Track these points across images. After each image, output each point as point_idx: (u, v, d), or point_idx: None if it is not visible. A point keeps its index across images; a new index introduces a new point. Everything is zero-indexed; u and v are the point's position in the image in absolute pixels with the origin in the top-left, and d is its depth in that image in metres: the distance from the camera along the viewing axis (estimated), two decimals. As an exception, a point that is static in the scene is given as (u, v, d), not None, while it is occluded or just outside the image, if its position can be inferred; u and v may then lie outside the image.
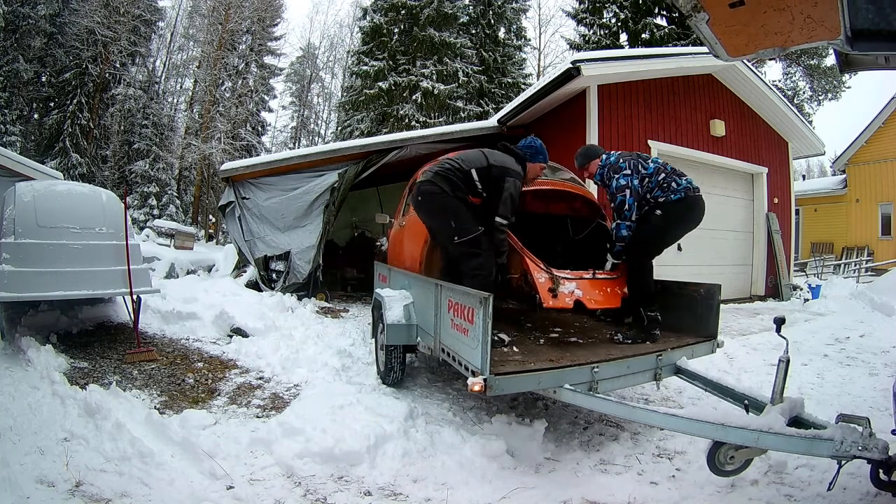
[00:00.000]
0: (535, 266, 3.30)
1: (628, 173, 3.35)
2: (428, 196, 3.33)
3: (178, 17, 24.55)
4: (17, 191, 4.69)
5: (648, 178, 3.38)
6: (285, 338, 5.11)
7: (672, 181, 3.36)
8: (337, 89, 28.48)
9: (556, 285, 3.20)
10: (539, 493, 2.38)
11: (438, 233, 3.44)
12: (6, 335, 4.64)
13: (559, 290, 3.18)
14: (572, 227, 4.45)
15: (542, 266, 3.31)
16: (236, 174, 7.94)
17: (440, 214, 3.31)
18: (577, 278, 3.32)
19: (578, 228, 4.36)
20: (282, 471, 2.54)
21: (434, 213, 3.37)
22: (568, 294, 3.20)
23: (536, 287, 3.22)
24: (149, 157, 19.96)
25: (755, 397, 2.64)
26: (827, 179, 18.79)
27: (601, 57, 7.25)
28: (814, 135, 9.97)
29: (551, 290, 3.18)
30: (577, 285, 3.26)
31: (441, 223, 3.32)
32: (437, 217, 3.35)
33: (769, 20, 1.97)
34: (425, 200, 3.37)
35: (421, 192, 3.38)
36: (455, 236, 3.19)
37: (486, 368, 2.41)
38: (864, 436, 1.96)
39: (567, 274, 3.31)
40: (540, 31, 25.15)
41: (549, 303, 3.15)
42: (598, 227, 4.10)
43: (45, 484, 2.31)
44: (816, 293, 8.51)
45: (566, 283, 3.23)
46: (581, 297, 3.21)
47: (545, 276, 3.26)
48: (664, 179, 3.37)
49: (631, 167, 3.37)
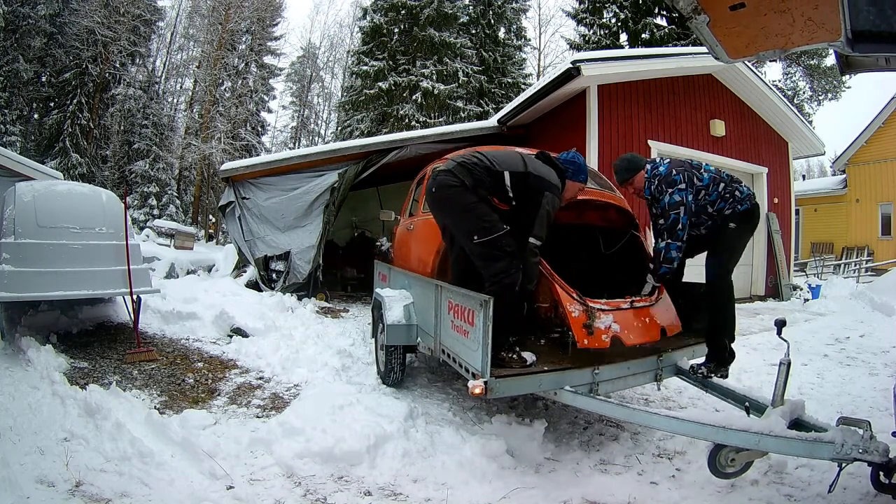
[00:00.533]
0: (567, 296, 2.83)
1: (683, 188, 3.00)
2: (445, 189, 2.86)
3: (178, 17, 24.55)
4: (17, 191, 4.69)
5: (705, 189, 3.05)
6: (285, 338, 5.11)
7: (735, 189, 3.07)
8: (337, 89, 28.51)
9: (591, 320, 2.75)
10: (539, 493, 2.38)
11: (455, 228, 2.97)
12: (6, 335, 4.64)
13: (595, 325, 2.75)
14: (602, 239, 3.95)
15: (576, 296, 2.84)
16: (236, 174, 7.95)
17: (458, 211, 2.86)
18: (614, 309, 2.89)
19: (609, 240, 3.87)
20: (282, 471, 2.53)
21: (449, 209, 2.92)
22: (605, 330, 2.76)
23: (570, 323, 2.75)
24: (149, 157, 19.95)
25: (756, 399, 2.64)
26: (827, 179, 18.80)
27: (601, 57, 7.26)
28: (814, 135, 9.98)
29: (586, 325, 2.73)
30: (614, 318, 2.82)
31: (458, 219, 2.89)
32: (453, 214, 2.91)
33: (770, 22, 1.97)
34: (441, 194, 2.90)
35: (438, 183, 2.90)
36: (475, 234, 2.74)
37: (486, 371, 2.40)
38: (864, 439, 1.97)
39: (603, 304, 2.88)
40: (540, 31, 25.19)
41: (585, 342, 2.70)
42: (630, 238, 3.66)
43: (45, 484, 2.30)
44: (816, 293, 8.52)
45: (602, 317, 2.79)
46: (619, 332, 2.78)
47: (579, 308, 2.79)
48: (725, 189, 3.06)
49: (686, 180, 3.02)
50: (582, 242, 4.00)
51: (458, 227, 2.93)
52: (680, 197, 2.99)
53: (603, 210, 3.72)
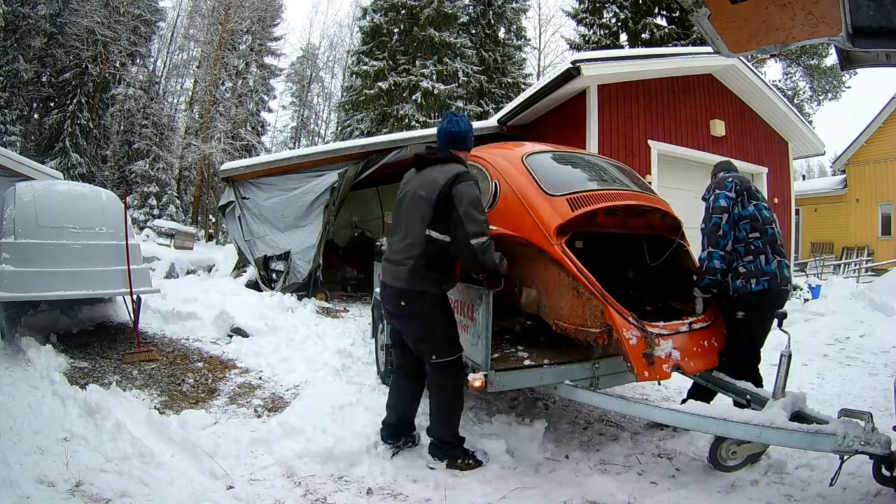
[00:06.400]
0: (623, 320, 2.48)
1: (732, 196, 2.83)
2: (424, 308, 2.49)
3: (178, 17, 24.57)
4: (17, 191, 4.69)
5: (745, 218, 2.83)
6: (285, 338, 5.11)
7: (763, 255, 2.78)
8: (337, 89, 28.53)
9: (650, 348, 2.44)
10: (539, 493, 2.38)
11: (418, 341, 2.59)
12: (6, 335, 4.64)
13: (655, 353, 2.45)
14: (645, 248, 3.54)
15: (633, 320, 2.50)
16: (236, 174, 7.94)
17: (431, 327, 2.52)
18: (674, 332, 2.62)
19: (653, 249, 3.49)
20: (282, 471, 2.53)
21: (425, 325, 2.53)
22: (665, 358, 2.47)
23: (627, 352, 2.42)
24: (149, 157, 19.96)
25: (757, 392, 2.64)
26: (827, 179, 18.79)
27: (601, 57, 7.24)
28: (814, 135, 9.97)
29: (646, 354, 2.43)
30: (674, 343, 2.55)
31: (425, 334, 2.54)
32: (423, 330, 2.54)
33: (771, 16, 1.98)
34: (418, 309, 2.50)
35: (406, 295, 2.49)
36: (434, 354, 2.48)
37: (486, 364, 2.40)
38: (866, 431, 1.96)
39: (662, 329, 2.59)
40: (540, 31, 25.20)
41: (646, 374, 2.42)
42: (677, 248, 3.30)
43: (45, 484, 2.30)
44: (816, 293, 8.50)
45: (662, 343, 2.50)
46: (679, 360, 2.52)
47: (636, 334, 2.46)
48: (756, 241, 2.80)
49: (736, 190, 2.85)
50: (625, 254, 3.65)
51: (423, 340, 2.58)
52: (726, 203, 2.82)
53: (649, 216, 3.23)
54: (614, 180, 3.30)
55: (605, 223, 3.03)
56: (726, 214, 2.82)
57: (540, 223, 2.74)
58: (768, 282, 2.78)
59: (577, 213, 2.74)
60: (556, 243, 2.66)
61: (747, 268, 2.81)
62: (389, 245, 2.67)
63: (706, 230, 2.88)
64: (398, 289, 2.50)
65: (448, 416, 2.59)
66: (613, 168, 3.56)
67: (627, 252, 3.64)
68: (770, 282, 2.78)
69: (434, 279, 2.48)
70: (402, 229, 2.57)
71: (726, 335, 2.87)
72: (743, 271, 2.82)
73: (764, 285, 2.77)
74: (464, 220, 2.36)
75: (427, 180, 2.51)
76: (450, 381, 2.53)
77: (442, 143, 2.66)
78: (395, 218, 2.69)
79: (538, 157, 3.29)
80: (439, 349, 2.49)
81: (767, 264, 2.80)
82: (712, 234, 2.83)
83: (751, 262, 2.81)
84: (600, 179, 3.26)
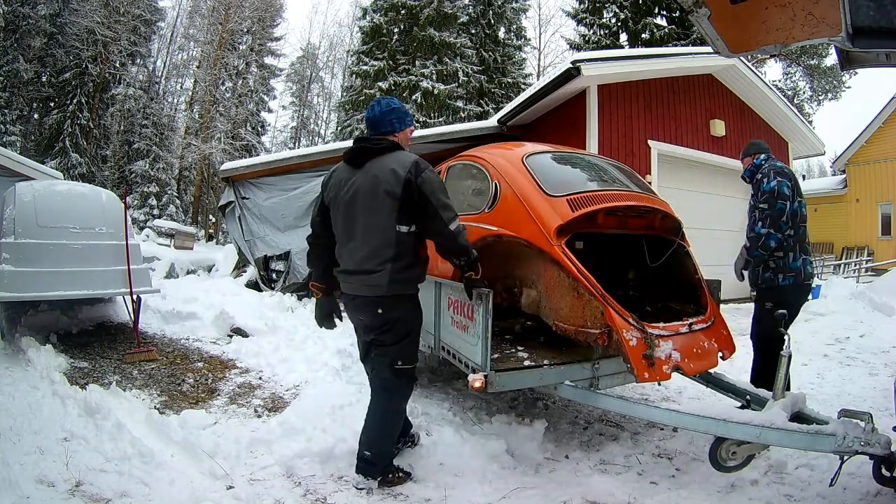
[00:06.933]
0: (623, 321, 2.48)
1: (791, 187, 2.97)
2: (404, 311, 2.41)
3: (178, 17, 24.58)
4: (17, 191, 4.70)
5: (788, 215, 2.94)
6: (285, 338, 5.11)
7: (791, 252, 2.96)
8: (337, 89, 28.56)
9: (651, 349, 2.46)
10: (539, 493, 2.38)
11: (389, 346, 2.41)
12: (6, 335, 4.64)
13: (655, 354, 2.46)
14: (645, 249, 3.50)
15: (633, 321, 2.51)
16: (236, 174, 7.94)
17: (407, 332, 2.44)
18: (674, 333, 2.62)
19: (653, 250, 3.45)
20: (282, 471, 2.53)
21: (402, 330, 2.42)
22: (665, 359, 2.48)
23: (627, 353, 2.43)
24: (149, 157, 19.99)
25: (757, 393, 2.64)
26: (827, 179, 18.78)
27: (601, 57, 7.25)
28: (814, 135, 9.98)
29: (646, 356, 2.44)
30: (674, 344, 2.55)
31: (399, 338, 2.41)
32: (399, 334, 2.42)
33: (771, 17, 1.98)
34: (398, 314, 2.39)
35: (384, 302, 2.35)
36: (401, 359, 2.39)
37: (486, 365, 2.40)
38: (866, 431, 1.96)
39: (662, 330, 2.59)
40: (540, 31, 25.23)
41: (646, 375, 2.43)
42: (677, 249, 3.26)
43: (45, 484, 2.30)
44: (816, 293, 8.48)
45: (662, 344, 2.51)
46: (679, 361, 2.52)
47: (636, 335, 2.47)
48: (786, 238, 2.95)
49: (790, 185, 2.98)
50: (625, 254, 3.63)
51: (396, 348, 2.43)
52: (788, 192, 2.94)
53: (650, 216, 3.21)
54: (614, 181, 3.29)
55: (606, 224, 3.03)
56: (788, 203, 2.94)
57: (540, 224, 2.73)
58: (794, 277, 2.99)
59: (577, 213, 2.73)
60: (556, 244, 2.66)
61: (777, 263, 3.02)
62: (347, 255, 2.40)
63: (771, 212, 2.93)
64: (375, 297, 2.33)
65: (394, 430, 2.51)
66: (613, 168, 3.55)
67: (628, 253, 3.63)
68: (795, 277, 2.99)
69: (414, 278, 2.41)
70: (361, 233, 2.34)
71: (752, 322, 3.07)
72: (773, 266, 3.04)
73: (790, 280, 2.99)
74: (439, 209, 2.29)
75: (383, 174, 2.29)
76: (407, 389, 2.48)
77: (380, 130, 2.47)
78: (344, 223, 2.40)
79: (538, 157, 3.28)
80: (406, 354, 2.42)
81: (794, 261, 3.00)
82: (777, 217, 2.92)
83: (781, 258, 3.01)
84: (600, 180, 3.25)
